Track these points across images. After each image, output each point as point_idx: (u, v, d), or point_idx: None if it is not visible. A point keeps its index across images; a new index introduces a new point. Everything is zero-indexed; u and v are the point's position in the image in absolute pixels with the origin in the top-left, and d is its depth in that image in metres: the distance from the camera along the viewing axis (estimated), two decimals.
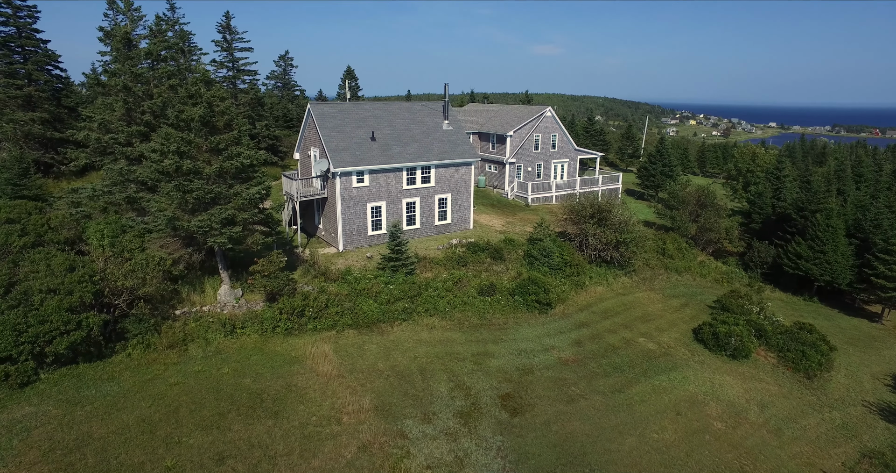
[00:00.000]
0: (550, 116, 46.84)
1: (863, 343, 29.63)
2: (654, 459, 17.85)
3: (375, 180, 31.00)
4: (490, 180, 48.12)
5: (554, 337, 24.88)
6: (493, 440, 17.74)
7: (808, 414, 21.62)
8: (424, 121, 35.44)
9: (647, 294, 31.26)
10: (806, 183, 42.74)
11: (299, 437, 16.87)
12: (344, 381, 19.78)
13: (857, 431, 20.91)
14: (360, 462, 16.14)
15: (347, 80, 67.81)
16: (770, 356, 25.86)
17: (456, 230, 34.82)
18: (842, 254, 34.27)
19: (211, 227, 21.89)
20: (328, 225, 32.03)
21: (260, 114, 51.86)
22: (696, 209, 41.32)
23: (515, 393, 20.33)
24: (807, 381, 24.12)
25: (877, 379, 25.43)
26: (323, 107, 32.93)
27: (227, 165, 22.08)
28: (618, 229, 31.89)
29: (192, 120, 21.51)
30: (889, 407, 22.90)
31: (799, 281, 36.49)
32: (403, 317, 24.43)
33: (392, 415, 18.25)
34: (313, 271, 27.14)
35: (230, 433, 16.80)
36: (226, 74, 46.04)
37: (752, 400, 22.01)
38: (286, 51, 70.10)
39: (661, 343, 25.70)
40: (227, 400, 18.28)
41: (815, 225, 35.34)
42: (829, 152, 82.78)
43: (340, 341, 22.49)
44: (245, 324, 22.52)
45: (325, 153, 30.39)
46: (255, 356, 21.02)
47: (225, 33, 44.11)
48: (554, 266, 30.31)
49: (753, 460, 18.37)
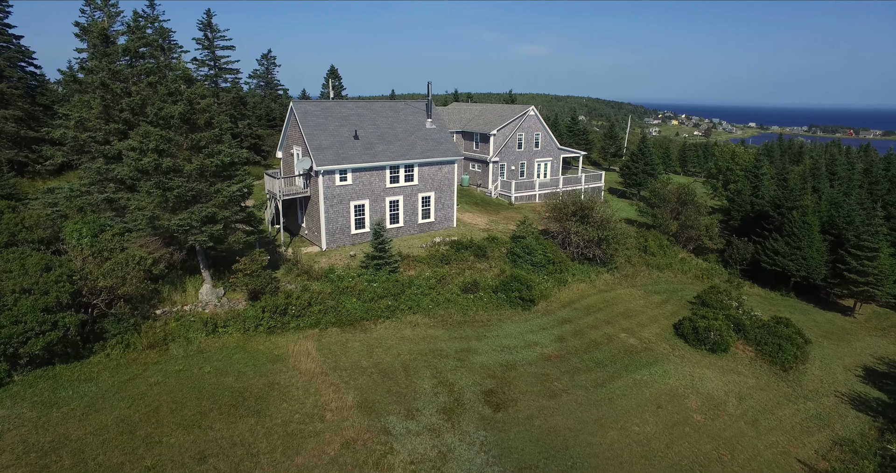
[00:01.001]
0: (534, 115, 47.16)
1: (836, 336, 30.35)
2: (636, 451, 18.11)
3: (359, 179, 30.96)
4: (473, 178, 48.29)
5: (537, 334, 25.08)
6: (477, 435, 17.85)
7: (783, 405, 22.10)
8: (408, 119, 35.47)
9: (628, 291, 31.65)
10: (783, 181, 43.59)
11: (282, 435, 16.81)
12: (327, 379, 19.75)
13: (830, 420, 21.45)
14: (344, 458, 16.14)
15: (331, 79, 67.51)
16: (748, 349, 26.36)
17: (439, 229, 34.91)
18: (817, 250, 35.03)
19: (192, 225, 21.71)
20: (311, 224, 31.91)
21: (242, 113, 51.44)
22: (677, 207, 41.95)
23: (498, 389, 20.47)
24: (783, 373, 24.64)
25: (848, 371, 26.09)
26: (306, 105, 32.81)
27: (207, 162, 21.91)
28: (600, 226, 32.25)
29: (172, 117, 21.31)
30: (859, 397, 23.54)
31: (776, 277, 37.23)
32: (387, 315, 24.45)
33: (375, 412, 18.27)
34: (296, 270, 27.04)
35: (212, 431, 16.69)
36: (207, 73, 45.58)
37: (730, 393, 22.42)
38: (269, 50, 69.64)
39: (642, 338, 26.05)
40: (209, 399, 18.15)
41: (791, 222, 36.08)
42: (806, 152, 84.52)
43: (324, 339, 22.43)
44: (227, 323, 22.36)
45: (307, 152, 30.27)
46: (238, 354, 20.89)
47: (206, 31, 43.65)
48: (537, 264, 30.55)
49: (731, 450, 18.74)
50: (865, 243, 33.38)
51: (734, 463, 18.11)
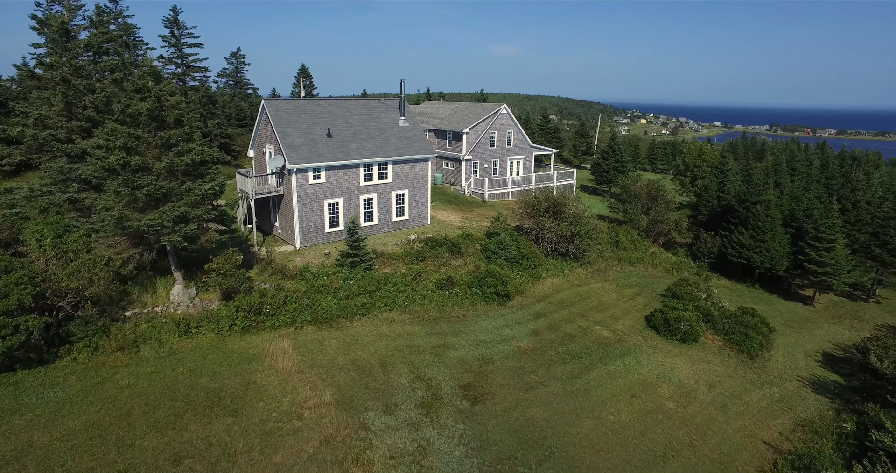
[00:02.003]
0: (506, 113, 47.55)
1: (798, 324, 31.55)
2: (611, 439, 18.51)
3: (332, 177, 30.76)
4: (447, 176, 48.43)
5: (512, 328, 25.36)
6: (455, 428, 17.98)
7: (750, 391, 22.88)
8: (381, 117, 35.38)
9: (601, 285, 32.24)
10: (747, 177, 45.01)
11: (260, 434, 16.64)
12: (304, 377, 19.60)
13: (793, 404, 22.33)
14: (323, 455, 16.07)
15: (302, 78, 66.77)
16: (717, 339, 27.16)
17: (414, 226, 34.94)
18: (779, 242, 36.29)
19: (163, 225, 21.24)
20: (285, 223, 31.56)
21: (212, 112, 50.48)
22: (647, 203, 42.90)
23: (476, 383, 20.65)
24: (749, 361, 25.49)
25: (809, 356, 27.19)
26: (277, 103, 32.43)
27: (178, 161, 21.48)
28: (572, 221, 32.75)
29: (140, 115, 20.82)
30: (819, 381, 24.58)
31: (742, 269, 38.42)
32: (363, 312, 24.39)
33: (354, 408, 18.23)
34: (270, 269, 26.73)
35: (187, 433, 16.40)
36: (174, 71, 44.54)
37: (700, 381, 23.09)
38: (238, 48, 68.75)
39: (615, 331, 26.58)
40: (183, 400, 17.82)
41: (755, 216, 37.29)
42: (768, 149, 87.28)
43: (300, 337, 22.25)
44: (200, 323, 21.97)
45: (280, 150, 29.93)
46: (212, 355, 20.55)
47: (172, 28, 42.65)
48: (511, 259, 30.86)
49: (702, 435, 19.32)
50: (823, 235, 34.74)
51: (705, 447, 18.68)
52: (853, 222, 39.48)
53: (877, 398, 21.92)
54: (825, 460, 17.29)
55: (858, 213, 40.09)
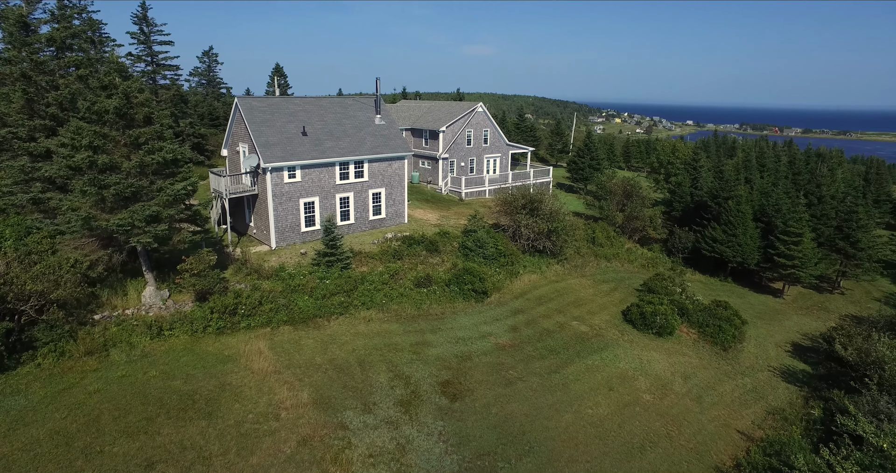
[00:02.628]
0: (482, 111, 47.68)
1: (768, 316, 32.32)
2: (590, 432, 18.67)
3: (308, 176, 30.41)
4: (424, 175, 48.35)
5: (490, 324, 25.42)
6: (435, 425, 17.92)
7: (724, 382, 23.34)
8: (356, 116, 35.12)
9: (578, 280, 32.54)
10: (719, 173, 45.95)
11: (235, 436, 16.33)
12: (281, 377, 19.32)
13: (764, 393, 22.86)
14: (301, 456, 15.85)
15: (276, 77, 65.89)
16: (692, 331, 27.64)
17: (391, 225, 34.77)
18: (750, 237, 37.13)
19: (133, 225, 20.70)
20: (260, 222, 31.10)
21: (184, 111, 49.48)
22: (623, 200, 43.49)
23: (455, 380, 20.62)
24: (723, 352, 26.01)
25: (779, 347, 27.89)
26: (251, 101, 31.93)
27: (148, 159, 20.95)
28: (549, 218, 32.99)
29: (107, 112, 20.24)
30: (788, 370, 25.24)
31: (715, 263, 39.19)
32: (340, 311, 24.15)
33: (332, 408, 18.03)
34: (245, 269, 26.30)
35: (160, 437, 16.00)
36: (144, 69, 43.45)
37: (676, 373, 23.46)
38: (210, 46, 67.30)
39: (592, 325, 26.85)
40: (156, 404, 17.39)
41: (727, 211, 38.09)
42: (738, 146, 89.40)
43: (276, 337, 21.92)
44: (173, 325, 21.47)
45: (254, 148, 29.48)
46: (186, 357, 20.10)
47: (141, 25, 41.56)
48: (488, 256, 30.94)
49: (678, 426, 19.62)
50: (792, 229, 35.67)
51: (681, 438, 18.98)
52: (819, 217, 40.65)
53: (841, 384, 22.60)
54: (794, 446, 17.73)
55: (823, 207, 41.30)
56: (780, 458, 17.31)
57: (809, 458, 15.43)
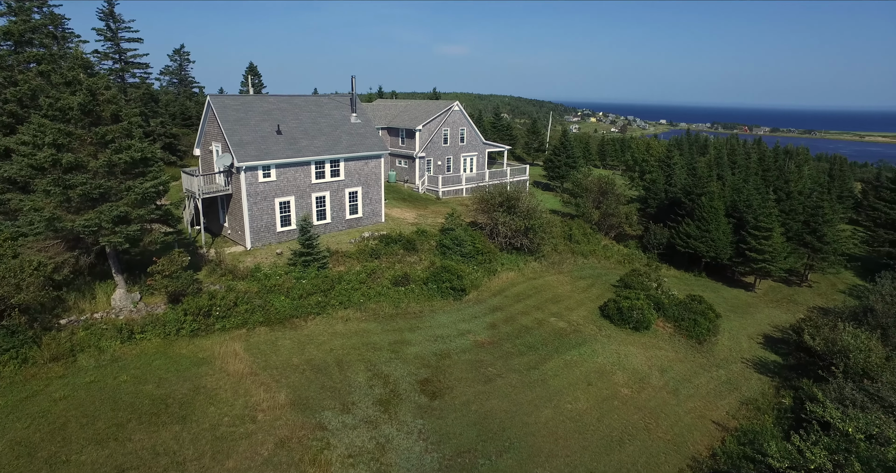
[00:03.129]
0: (458, 110, 47.69)
1: (741, 310, 33.03)
2: (569, 427, 18.78)
3: (283, 175, 29.98)
4: (401, 174, 48.15)
5: (469, 322, 25.40)
6: (414, 424, 17.81)
7: (699, 374, 23.74)
8: (332, 114, 34.77)
9: (556, 277, 32.75)
10: (692, 170, 46.81)
11: (211, 439, 15.96)
12: (257, 378, 18.97)
13: (738, 384, 23.32)
14: (279, 458, 15.58)
15: (250, 76, 64.90)
16: (667, 326, 28.06)
17: (368, 224, 34.52)
18: (723, 232, 37.89)
19: (101, 226, 20.08)
20: (234, 223, 30.54)
21: (154, 111, 48.34)
22: (599, 197, 43.96)
23: (434, 378, 20.54)
24: (698, 345, 26.46)
25: (752, 339, 28.52)
26: (224, 99, 31.33)
27: (116, 158, 20.33)
28: (526, 216, 33.13)
29: (71, 109, 19.60)
30: (760, 362, 25.82)
31: (689, 259, 39.89)
32: (317, 311, 23.85)
33: (310, 408, 17.77)
34: (220, 270, 25.80)
35: (130, 443, 15.54)
36: (112, 67, 42.24)
37: (653, 366, 23.76)
38: (181, 45, 65.95)
39: (570, 321, 27.04)
40: (127, 409, 16.89)
41: (700, 207, 38.80)
42: (710, 144, 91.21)
43: (252, 338, 21.53)
44: (145, 328, 20.91)
45: (228, 148, 28.94)
46: (158, 360, 19.60)
47: (108, 21, 40.37)
48: (466, 254, 30.93)
49: (656, 418, 19.88)
50: (762, 224, 36.51)
51: (659, 430, 19.22)
52: (787, 212, 41.70)
53: (810, 373, 23.23)
54: (767, 434, 18.13)
55: (791, 203, 42.39)
56: (753, 446, 17.68)
57: (781, 445, 15.78)
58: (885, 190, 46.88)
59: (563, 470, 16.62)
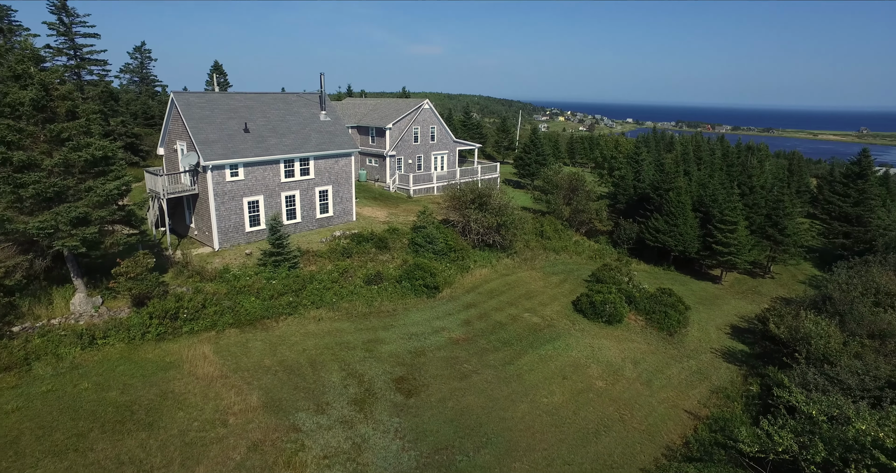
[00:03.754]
0: (428, 108, 47.52)
1: (709, 302, 33.80)
2: (546, 420, 18.84)
3: (251, 174, 29.30)
4: (371, 173, 47.72)
5: (443, 319, 25.28)
6: (391, 422, 17.59)
7: (671, 365, 24.15)
8: (301, 112, 34.17)
9: (528, 273, 32.91)
10: (660, 166, 47.71)
11: (179, 445, 15.42)
12: (228, 381, 18.44)
13: (708, 373, 23.82)
14: (251, 461, 15.15)
15: (215, 75, 63.30)
16: (639, 319, 28.49)
17: (339, 223, 34.05)
18: (690, 226, 38.70)
19: (57, 228, 19.23)
20: (201, 223, 29.70)
21: (115, 109, 46.69)
22: (569, 194, 44.38)
23: (409, 375, 20.34)
24: (669, 337, 26.94)
25: (720, 330, 29.20)
26: (188, 97, 30.42)
27: (73, 156, 19.50)
28: (498, 212, 33.19)
29: (22, 105, 18.69)
30: (728, 351, 26.45)
31: (658, 253, 40.63)
32: (289, 311, 23.37)
33: (283, 410, 17.36)
34: (187, 272, 25.04)
35: (92, 453, 14.88)
36: (67, 63, 40.50)
37: (626, 359, 24.07)
38: (142, 42, 63.88)
39: (544, 316, 27.19)
40: (88, 418, 16.19)
41: (668, 202, 39.55)
42: (676, 142, 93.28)
43: (221, 341, 20.94)
44: (108, 333, 20.10)
45: (193, 146, 28.13)
46: (122, 366, 18.86)
47: (60, 15, 38.60)
48: (439, 252, 30.80)
49: (630, 409, 20.12)
50: (727, 218, 37.45)
51: (633, 420, 19.46)
52: (751, 206, 42.89)
53: (775, 361, 23.92)
54: (737, 420, 18.56)
55: (754, 197, 43.62)
56: (724, 433, 18.06)
57: (751, 431, 16.16)
58: (838, 184, 48.72)
59: (540, 464, 16.64)
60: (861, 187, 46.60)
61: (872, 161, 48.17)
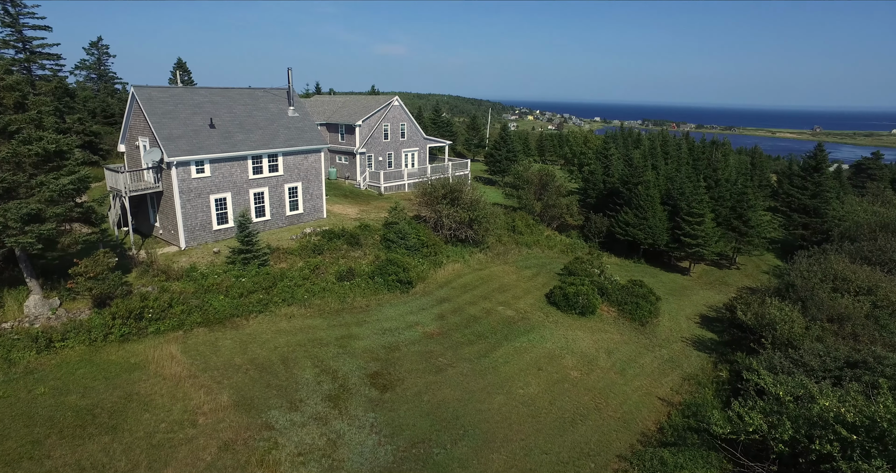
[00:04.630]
0: (398, 105, 47.19)
1: (678, 293, 34.49)
2: (522, 411, 18.85)
3: (218, 170, 28.53)
4: (341, 171, 47.13)
5: (417, 314, 25.08)
6: (366, 417, 17.32)
7: (643, 354, 24.50)
8: (268, 107, 33.47)
9: (501, 268, 32.98)
10: (629, 161, 48.49)
11: (146, 448, 14.84)
12: (197, 381, 17.86)
13: (679, 361, 24.26)
14: (223, 461, 14.68)
15: (179, 72, 61.57)
16: (611, 310, 28.82)
17: (309, 220, 33.49)
18: (659, 219, 39.43)
19: (6, 225, 18.29)
20: (166, 222, 28.76)
21: (70, 106, 44.87)
22: (540, 189, 44.71)
23: (384, 370, 20.09)
24: (641, 327, 27.34)
25: (690, 319, 29.80)
26: (150, 91, 29.40)
27: (23, 150, 18.59)
28: (470, 207, 33.15)
29: None
30: (699, 340, 26.99)
31: (629, 246, 41.29)
32: (259, 309, 22.80)
33: (255, 408, 16.90)
34: (152, 272, 24.18)
35: (50, 460, 14.15)
36: (15, 56, 38.62)
37: (600, 349, 24.31)
38: (99, 37, 61.64)
39: (518, 310, 27.26)
40: (45, 424, 15.41)
41: (637, 196, 40.20)
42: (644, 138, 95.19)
43: (189, 340, 20.27)
44: (66, 335, 19.21)
45: (156, 142, 27.20)
46: (83, 369, 18.06)
47: (6, 4, 36.68)
48: (411, 247, 30.57)
49: (605, 398, 20.30)
50: (694, 210, 38.29)
51: (609, 409, 19.64)
52: (717, 199, 43.98)
53: (743, 347, 24.53)
54: (708, 405, 18.93)
55: (720, 190, 44.75)
56: (697, 418, 18.39)
57: (722, 414, 16.48)
58: (797, 177, 50.46)
59: (518, 454, 16.62)
60: (817, 179, 48.34)
61: (827, 155, 50.03)
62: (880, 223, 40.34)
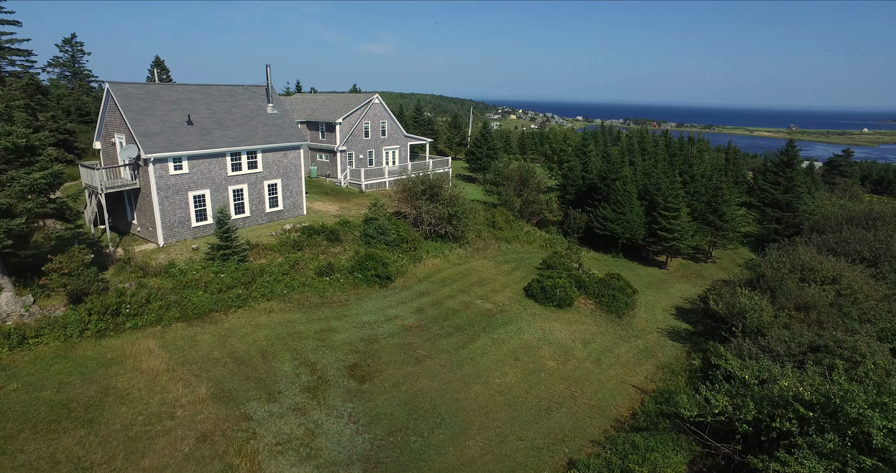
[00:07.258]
0: (378, 103, 47.30)
1: (655, 285, 35.20)
2: (499, 400, 19.21)
3: (196, 167, 28.44)
4: (322, 169, 47.12)
5: (396, 308, 25.33)
6: (344, 407, 17.54)
7: (619, 345, 25.05)
8: (247, 104, 33.41)
9: (480, 262, 33.35)
10: (607, 157, 49.22)
11: (123, 440, 14.89)
12: (175, 375, 17.91)
13: (654, 352, 24.84)
14: (201, 452, 14.80)
15: (157, 70, 60.87)
16: (589, 302, 29.35)
17: (289, 217, 33.51)
18: (636, 214, 40.15)
19: None
20: (144, 219, 28.60)
21: (43, 104, 44.16)
22: (520, 186, 45.22)
23: (362, 362, 20.31)
24: (617, 319, 27.90)
25: (665, 311, 30.47)
26: (126, 87, 29.18)
27: None
28: (449, 203, 33.47)
29: None
30: (674, 331, 27.65)
31: (607, 241, 41.96)
32: (238, 304, 22.86)
33: (233, 400, 17.02)
34: (129, 268, 24.08)
35: (23, 454, 14.12)
36: None
37: (577, 340, 24.79)
38: (73, 34, 60.65)
39: (496, 303, 27.64)
40: (18, 420, 15.34)
41: (615, 191, 40.88)
42: (622, 135, 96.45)
43: (168, 335, 20.28)
44: (40, 332, 19.10)
45: (133, 139, 27.04)
46: (58, 365, 17.99)
47: None
48: (391, 243, 30.80)
49: (581, 386, 20.77)
50: (671, 205, 39.09)
51: (584, 397, 20.10)
52: (692, 194, 44.87)
53: (716, 337, 25.20)
54: (680, 392, 19.46)
55: (695, 185, 45.67)
56: (669, 404, 18.93)
57: (691, 398, 17.03)
58: (770, 173, 51.73)
59: (494, 440, 16.97)
60: (789, 175, 49.61)
61: (798, 152, 51.34)
62: (846, 216, 41.60)
